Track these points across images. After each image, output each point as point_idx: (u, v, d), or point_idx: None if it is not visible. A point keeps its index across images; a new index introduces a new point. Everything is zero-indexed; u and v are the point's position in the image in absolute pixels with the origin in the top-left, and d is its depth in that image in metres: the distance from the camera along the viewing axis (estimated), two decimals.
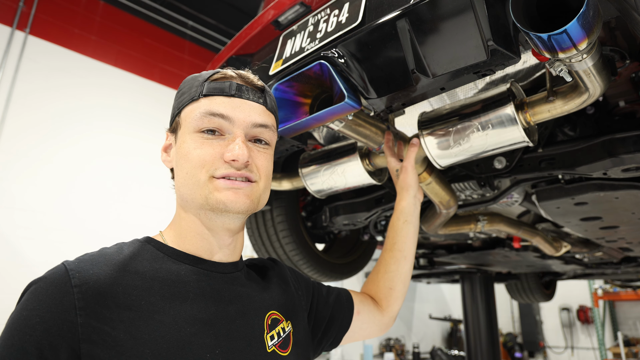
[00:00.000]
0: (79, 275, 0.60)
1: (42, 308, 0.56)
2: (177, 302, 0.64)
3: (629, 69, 1.03)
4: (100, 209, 4.46)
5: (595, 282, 7.39)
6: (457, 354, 6.79)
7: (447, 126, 1.06)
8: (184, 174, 0.71)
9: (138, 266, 0.66)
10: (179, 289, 0.66)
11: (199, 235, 0.73)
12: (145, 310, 0.61)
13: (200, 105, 0.72)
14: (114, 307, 0.59)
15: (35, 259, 3.97)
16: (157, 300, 0.63)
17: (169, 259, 0.70)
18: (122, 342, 0.57)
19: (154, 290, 0.64)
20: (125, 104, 4.97)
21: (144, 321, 0.60)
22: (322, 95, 0.99)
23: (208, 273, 0.71)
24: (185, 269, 0.70)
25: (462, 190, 1.46)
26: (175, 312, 0.63)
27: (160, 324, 0.61)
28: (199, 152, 0.70)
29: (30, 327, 0.55)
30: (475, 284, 3.52)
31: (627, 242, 1.90)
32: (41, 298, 0.57)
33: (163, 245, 0.72)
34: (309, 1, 1.01)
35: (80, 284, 0.59)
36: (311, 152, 1.46)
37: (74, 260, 0.63)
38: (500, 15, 0.74)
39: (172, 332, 0.61)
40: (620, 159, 1.07)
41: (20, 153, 4.11)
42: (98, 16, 5.09)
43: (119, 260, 0.65)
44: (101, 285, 0.60)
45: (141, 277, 0.64)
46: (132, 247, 0.70)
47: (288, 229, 1.79)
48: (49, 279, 0.59)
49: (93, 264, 0.63)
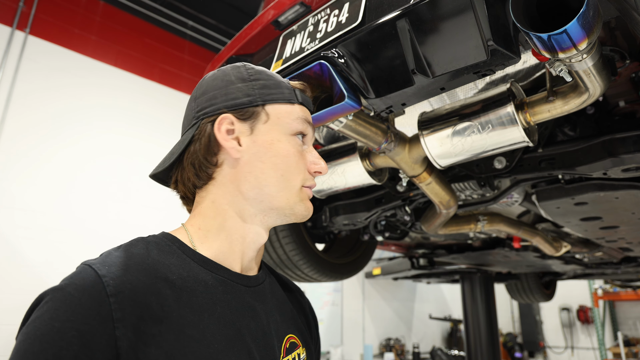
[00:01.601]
0: (114, 283, 0.54)
1: (78, 320, 0.50)
2: (205, 315, 0.61)
3: (629, 69, 1.03)
4: (100, 209, 4.46)
5: (595, 282, 7.38)
6: (457, 354, 6.79)
7: (447, 126, 1.06)
8: (276, 173, 0.69)
9: (167, 272, 0.61)
10: (206, 300, 0.62)
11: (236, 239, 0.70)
12: (176, 323, 0.57)
13: (296, 110, 0.73)
14: (149, 320, 0.55)
15: (35, 259, 3.97)
16: (186, 312, 0.59)
17: (197, 265, 0.65)
18: (154, 358, 0.53)
19: (183, 301, 0.60)
20: (125, 104, 4.96)
21: (175, 336, 0.56)
22: (322, 95, 0.99)
23: (233, 285, 0.68)
24: (213, 278, 0.66)
25: (462, 190, 1.46)
26: (204, 326, 0.60)
27: (191, 339, 0.57)
28: (298, 158, 0.72)
29: (66, 341, 0.49)
30: (475, 284, 3.52)
31: (627, 242, 1.90)
32: (74, 308, 0.51)
33: (189, 249, 0.67)
34: (309, 1, 1.01)
35: (115, 293, 0.53)
36: None
37: (101, 262, 0.57)
38: (500, 15, 0.74)
39: (202, 349, 0.58)
40: (620, 159, 1.07)
41: (20, 153, 4.11)
42: (98, 16, 5.09)
43: (149, 265, 0.60)
44: (137, 294, 0.55)
45: (171, 285, 0.60)
46: (158, 248, 0.65)
47: (288, 229, 1.79)
48: (79, 286, 0.53)
49: (124, 269, 0.57)
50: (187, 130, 0.73)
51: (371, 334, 6.80)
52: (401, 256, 3.49)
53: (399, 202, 1.61)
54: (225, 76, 0.73)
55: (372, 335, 6.82)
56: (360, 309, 6.71)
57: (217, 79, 0.73)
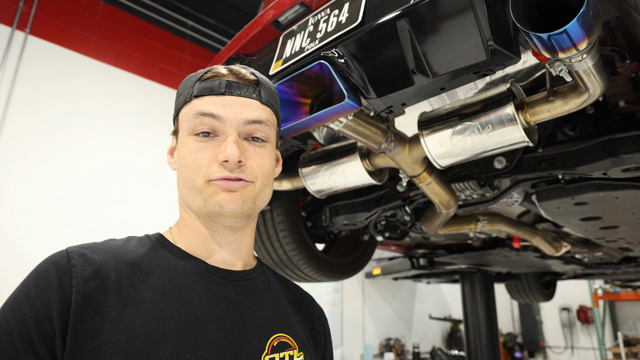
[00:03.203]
0: (77, 257, 0.63)
1: (42, 284, 0.59)
2: (169, 297, 0.64)
3: (629, 69, 1.03)
4: (100, 209, 4.46)
5: (595, 282, 7.38)
6: (457, 354, 6.79)
7: (447, 126, 1.06)
8: (183, 178, 0.71)
9: (136, 259, 0.67)
10: (172, 284, 0.66)
11: (199, 233, 0.73)
12: (133, 299, 0.61)
13: (192, 107, 0.71)
14: (103, 291, 0.60)
15: (35, 259, 3.94)
16: (147, 292, 0.63)
17: (172, 256, 0.71)
18: (101, 326, 0.57)
19: (147, 283, 0.64)
20: (125, 104, 4.96)
21: (128, 309, 0.60)
22: (322, 95, 0.99)
23: (209, 275, 0.70)
24: (186, 267, 0.69)
25: (462, 190, 1.46)
26: (163, 305, 0.62)
27: (144, 314, 0.60)
28: (194, 157, 0.69)
29: (30, 300, 0.58)
30: (475, 284, 3.52)
31: (627, 242, 1.90)
32: (41, 275, 0.60)
33: (169, 244, 0.73)
34: (309, 1, 1.01)
35: (76, 264, 0.61)
36: (311, 152, 1.46)
37: (77, 245, 0.67)
38: (500, 15, 0.74)
39: (154, 324, 0.60)
40: (620, 159, 1.07)
41: (20, 153, 4.11)
42: (98, 16, 5.09)
43: (120, 250, 0.68)
44: (96, 268, 0.62)
45: (136, 268, 0.66)
46: (140, 242, 0.72)
47: (288, 229, 1.79)
48: (50, 259, 0.63)
49: (93, 250, 0.66)
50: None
51: (371, 334, 6.80)
52: (401, 256, 3.49)
53: (399, 202, 1.61)
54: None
55: (372, 335, 6.82)
56: (360, 309, 6.71)
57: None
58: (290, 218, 1.80)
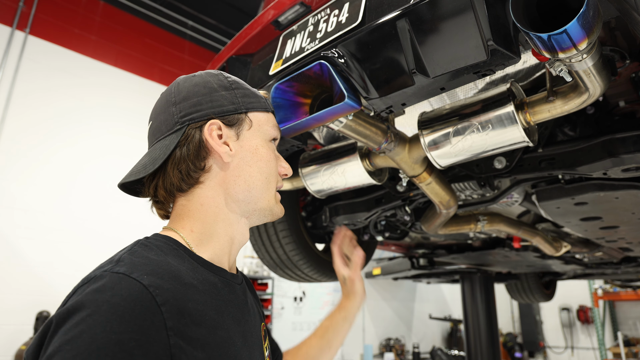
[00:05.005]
0: (160, 292, 0.54)
1: (136, 330, 0.50)
2: (225, 315, 0.64)
3: (629, 69, 1.03)
4: (99, 209, 4.46)
5: (595, 282, 7.39)
6: (457, 354, 6.79)
7: (447, 126, 1.06)
8: (262, 177, 0.75)
9: (188, 278, 0.61)
10: (219, 301, 0.65)
11: (228, 238, 0.73)
12: (210, 325, 0.59)
13: (271, 118, 0.81)
14: (191, 325, 0.56)
15: (35, 259, 3.97)
16: (213, 314, 0.61)
17: (202, 268, 0.67)
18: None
19: (208, 304, 0.61)
20: (125, 104, 4.97)
21: (212, 337, 0.59)
22: (322, 95, 0.99)
23: (232, 285, 0.72)
24: (217, 280, 0.68)
25: (462, 190, 1.46)
26: (227, 326, 0.63)
27: (222, 339, 0.61)
28: (275, 163, 0.78)
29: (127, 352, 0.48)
30: (475, 284, 3.52)
31: (627, 242, 1.90)
32: (129, 319, 0.50)
33: (192, 253, 0.68)
34: (309, 1, 1.01)
35: (164, 302, 0.54)
36: (311, 152, 1.46)
37: (132, 270, 0.56)
38: (500, 15, 0.74)
39: (231, 347, 0.62)
40: (620, 159, 1.07)
41: (20, 153, 4.11)
42: (98, 16, 5.09)
43: (173, 271, 0.60)
44: (178, 301, 0.56)
45: (197, 290, 0.61)
46: (169, 252, 0.64)
47: (288, 229, 1.79)
48: (127, 296, 0.52)
49: (159, 277, 0.57)
50: (167, 135, 0.72)
51: (371, 334, 6.80)
52: (401, 256, 3.49)
53: (399, 202, 1.61)
54: (206, 83, 0.75)
55: (372, 335, 6.82)
56: (360, 309, 6.72)
57: (197, 85, 0.74)
58: (290, 218, 1.80)
